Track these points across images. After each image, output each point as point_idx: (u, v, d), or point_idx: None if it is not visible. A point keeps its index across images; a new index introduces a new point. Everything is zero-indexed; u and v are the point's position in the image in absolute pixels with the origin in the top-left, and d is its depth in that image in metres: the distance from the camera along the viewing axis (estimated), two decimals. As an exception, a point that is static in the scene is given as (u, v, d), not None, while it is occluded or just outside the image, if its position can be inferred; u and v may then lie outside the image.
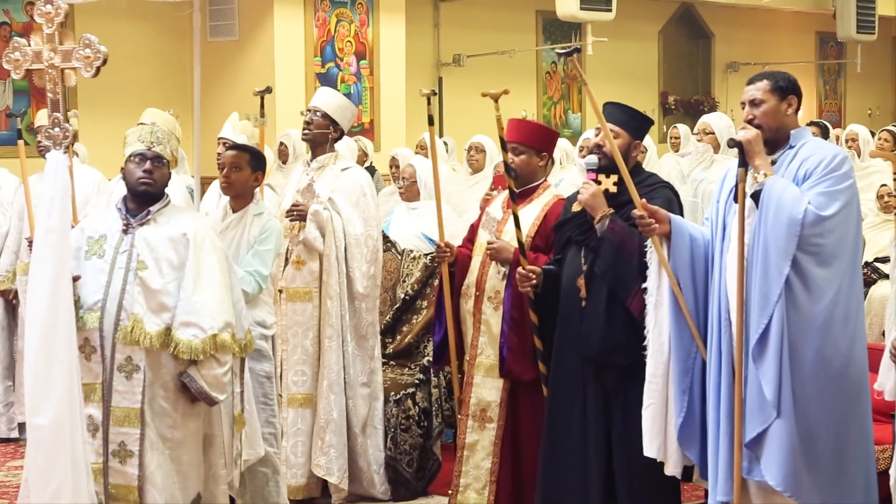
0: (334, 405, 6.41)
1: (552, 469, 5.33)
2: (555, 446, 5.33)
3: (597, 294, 5.12)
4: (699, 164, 8.92)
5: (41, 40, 4.61)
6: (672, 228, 4.84)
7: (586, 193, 5.15)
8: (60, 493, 4.32)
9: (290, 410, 6.48)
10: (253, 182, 5.92)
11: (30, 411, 4.40)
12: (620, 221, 5.06)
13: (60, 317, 4.39)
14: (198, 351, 4.66)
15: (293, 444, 6.47)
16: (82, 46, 4.56)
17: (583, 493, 5.20)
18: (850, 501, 4.59)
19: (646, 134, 5.42)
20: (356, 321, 6.49)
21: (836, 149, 4.77)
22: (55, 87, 4.62)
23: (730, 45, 18.49)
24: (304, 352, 6.45)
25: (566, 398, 5.28)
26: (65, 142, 4.56)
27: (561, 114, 16.12)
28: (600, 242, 5.09)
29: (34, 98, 11.21)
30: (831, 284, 4.52)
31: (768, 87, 4.73)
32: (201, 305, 4.70)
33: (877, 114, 20.09)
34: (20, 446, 7.91)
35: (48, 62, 4.61)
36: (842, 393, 4.56)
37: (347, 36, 12.46)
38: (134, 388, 4.68)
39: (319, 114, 6.53)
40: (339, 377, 6.42)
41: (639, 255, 4.98)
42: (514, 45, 14.88)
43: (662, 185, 5.26)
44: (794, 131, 4.75)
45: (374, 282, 6.53)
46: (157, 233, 4.80)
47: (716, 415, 4.70)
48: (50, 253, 4.42)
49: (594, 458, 5.18)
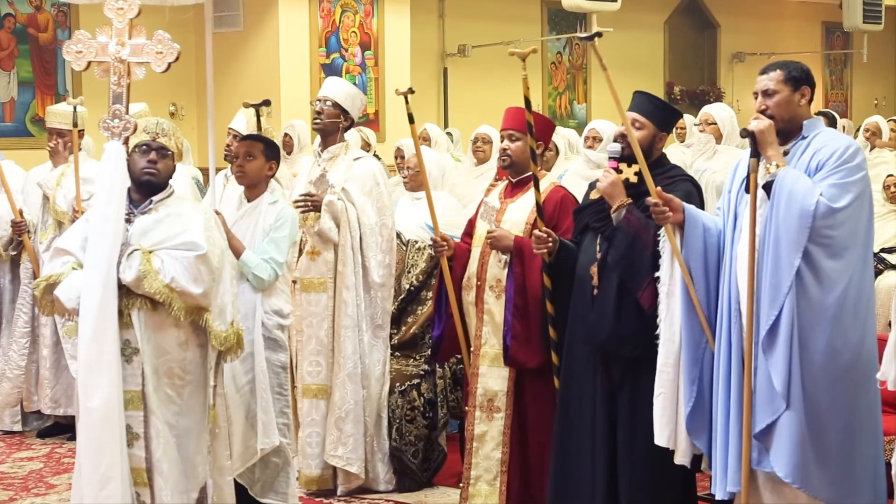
0: (351, 395, 6.42)
1: (564, 459, 5.32)
2: (566, 436, 5.31)
3: (608, 283, 5.10)
4: (701, 154, 8.89)
5: (109, 34, 4.76)
6: (686, 218, 4.82)
7: (605, 182, 5.11)
8: (111, 471, 4.58)
9: (305, 401, 6.49)
10: (267, 171, 5.92)
11: (83, 395, 4.60)
12: (637, 212, 5.03)
13: (111, 304, 4.58)
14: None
15: (308, 434, 6.49)
16: (155, 42, 4.74)
17: (592, 484, 5.19)
18: (860, 493, 4.57)
19: (673, 126, 5.36)
20: (372, 311, 6.51)
21: (849, 140, 4.73)
22: (120, 79, 4.77)
23: (736, 35, 18.46)
24: (319, 342, 6.46)
25: (577, 387, 5.27)
26: (125, 133, 4.73)
27: (566, 104, 16.09)
28: (615, 232, 5.07)
29: (39, 90, 11.22)
30: (842, 276, 4.50)
31: (781, 78, 4.70)
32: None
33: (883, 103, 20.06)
34: (25, 438, 7.91)
35: (115, 56, 4.75)
36: (852, 384, 4.54)
37: (352, 26, 12.45)
38: (134, 371, 4.69)
39: (330, 103, 6.52)
40: (356, 367, 6.43)
41: (653, 247, 4.95)
42: (519, 36, 14.83)
43: (684, 179, 5.23)
44: (807, 122, 4.72)
45: (389, 271, 6.54)
46: (155, 218, 4.79)
47: (725, 406, 4.68)
48: (107, 242, 4.61)
49: (600, 448, 5.16)
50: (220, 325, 4.77)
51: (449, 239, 5.97)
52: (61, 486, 6.74)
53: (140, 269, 4.63)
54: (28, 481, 6.92)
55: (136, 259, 4.65)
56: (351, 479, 6.50)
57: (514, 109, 5.78)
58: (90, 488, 4.59)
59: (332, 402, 6.46)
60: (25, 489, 6.77)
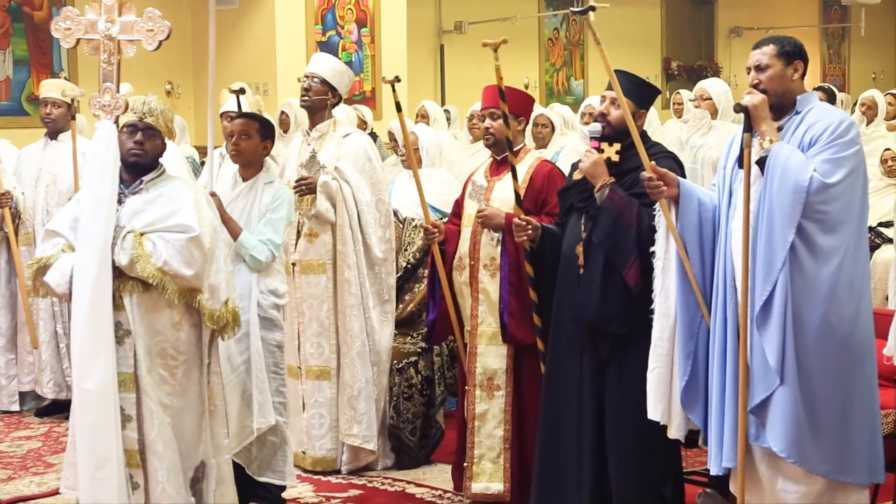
0: (361, 374, 6.44)
1: (550, 437, 5.33)
2: (552, 414, 5.33)
3: (594, 262, 5.10)
4: (697, 130, 8.87)
5: (98, 11, 4.70)
6: (681, 192, 4.81)
7: (587, 162, 5.13)
8: (108, 452, 4.57)
9: (308, 382, 6.51)
10: (262, 151, 5.90)
11: (78, 376, 4.59)
12: (620, 191, 5.05)
13: (105, 286, 4.56)
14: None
15: (311, 416, 6.51)
16: (145, 20, 4.67)
17: (578, 462, 5.20)
18: (855, 467, 4.58)
19: (652, 102, 5.38)
20: (378, 286, 6.52)
21: (843, 114, 4.72)
22: (109, 57, 4.71)
23: (733, 9, 18.43)
24: (320, 324, 6.47)
25: (564, 366, 5.28)
26: (116, 112, 4.68)
27: (563, 80, 16.06)
28: (599, 211, 5.07)
29: (34, 68, 11.19)
30: (837, 251, 4.49)
31: (774, 52, 4.70)
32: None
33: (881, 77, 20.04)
34: (23, 417, 7.92)
35: (104, 33, 4.69)
36: (847, 359, 4.54)
37: (348, 4, 12.41)
38: (126, 352, 4.67)
39: (317, 80, 6.50)
40: (364, 346, 6.45)
41: (637, 225, 4.97)
42: (515, 12, 14.81)
43: (666, 155, 5.23)
44: (801, 97, 4.72)
45: (389, 245, 6.56)
46: (145, 198, 4.78)
47: (721, 381, 4.69)
48: (101, 221, 4.58)
49: (588, 426, 5.17)
50: (214, 304, 4.76)
51: (439, 224, 5.98)
52: (59, 465, 6.74)
53: (133, 253, 4.62)
54: (26, 460, 6.94)
55: (129, 242, 4.64)
56: (359, 457, 6.52)
57: (493, 88, 5.77)
58: (86, 469, 4.59)
59: (342, 382, 6.47)
60: (24, 468, 6.78)
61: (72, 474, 4.72)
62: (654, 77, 17.02)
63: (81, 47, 4.80)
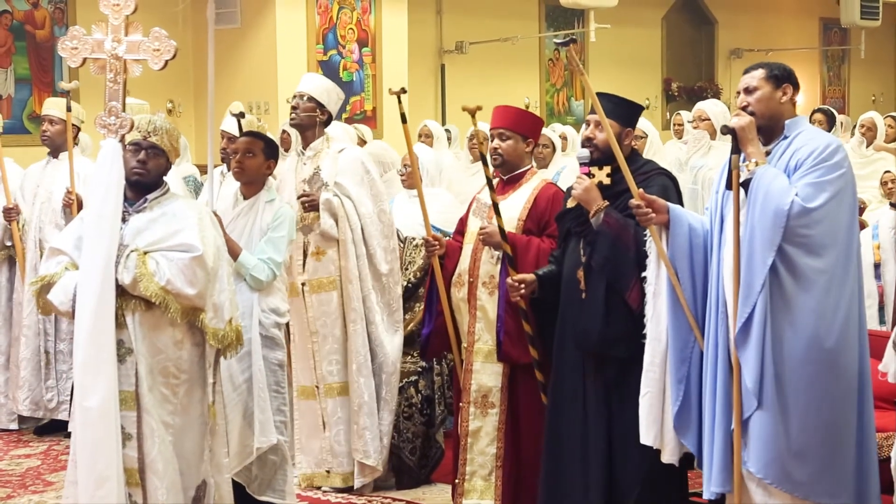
0: (364, 388, 6.43)
1: (555, 461, 5.32)
2: (557, 438, 5.31)
3: (596, 286, 5.10)
4: (696, 150, 8.89)
5: (104, 30, 4.73)
6: (670, 218, 4.82)
7: (579, 188, 5.13)
8: (108, 471, 4.56)
9: (329, 400, 6.50)
10: (265, 170, 5.92)
11: (80, 394, 4.59)
12: (616, 214, 5.05)
13: (108, 304, 4.57)
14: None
15: (335, 433, 6.51)
16: (152, 39, 4.70)
17: (585, 485, 5.19)
18: (842, 491, 4.54)
19: (637, 120, 5.40)
20: (387, 297, 6.53)
21: (830, 138, 4.73)
22: (116, 76, 4.73)
23: (733, 31, 18.47)
24: (336, 340, 6.47)
25: (569, 390, 5.27)
26: (121, 131, 4.69)
27: (564, 101, 16.08)
28: (596, 236, 5.08)
29: (36, 87, 11.22)
30: (822, 274, 4.49)
31: (763, 76, 4.74)
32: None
33: (881, 100, 20.06)
34: (22, 435, 7.91)
35: (111, 53, 4.72)
36: (833, 383, 4.52)
37: (350, 23, 12.45)
38: (128, 371, 4.68)
39: (305, 97, 6.52)
40: (367, 360, 6.44)
41: (636, 247, 4.97)
42: (516, 32, 14.85)
43: (659, 172, 5.24)
44: (790, 121, 4.73)
45: (394, 255, 6.56)
46: (149, 217, 4.79)
47: (712, 406, 4.68)
48: (105, 239, 4.59)
49: (595, 448, 5.16)
50: (218, 324, 4.76)
51: (440, 237, 5.99)
52: (59, 483, 6.73)
53: (136, 272, 4.63)
54: (26, 479, 6.93)
55: (132, 261, 4.65)
56: (365, 473, 6.50)
57: (503, 108, 5.81)
58: (86, 488, 4.58)
59: (350, 398, 6.47)
60: (23, 486, 6.78)
61: (73, 493, 4.70)
62: (655, 98, 17.06)
63: (86, 66, 4.82)
